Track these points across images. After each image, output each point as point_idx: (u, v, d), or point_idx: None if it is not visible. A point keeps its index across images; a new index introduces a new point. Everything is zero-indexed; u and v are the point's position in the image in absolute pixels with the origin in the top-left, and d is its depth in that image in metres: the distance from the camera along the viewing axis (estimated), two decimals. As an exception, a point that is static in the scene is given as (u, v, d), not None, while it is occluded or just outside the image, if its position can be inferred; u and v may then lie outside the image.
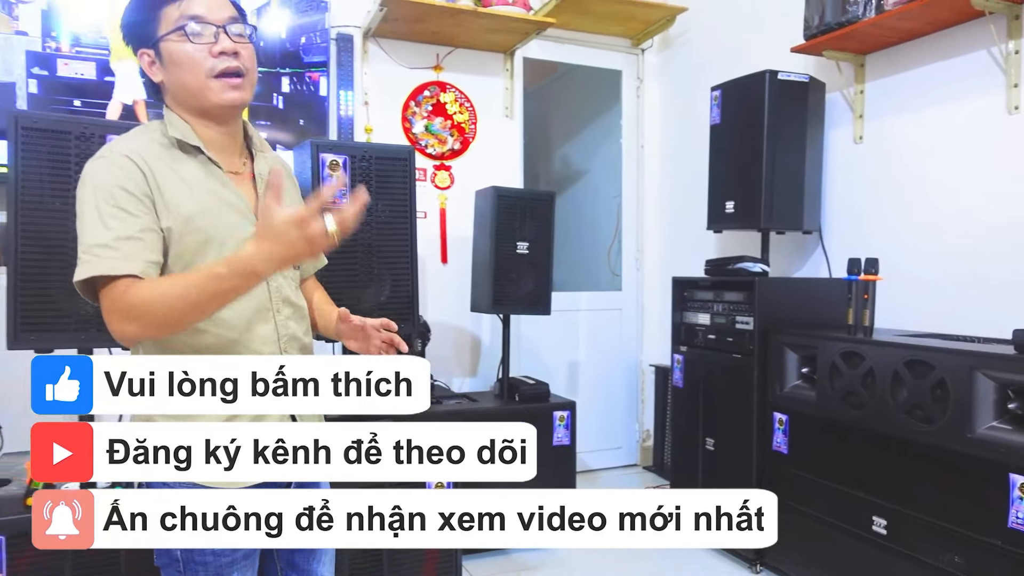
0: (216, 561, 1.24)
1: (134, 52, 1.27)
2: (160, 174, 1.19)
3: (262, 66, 3.08)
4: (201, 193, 1.23)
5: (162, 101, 1.29)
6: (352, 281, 1.94)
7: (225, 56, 1.21)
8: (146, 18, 1.23)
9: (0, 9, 2.73)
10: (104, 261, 1.12)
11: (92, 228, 1.14)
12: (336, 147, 1.92)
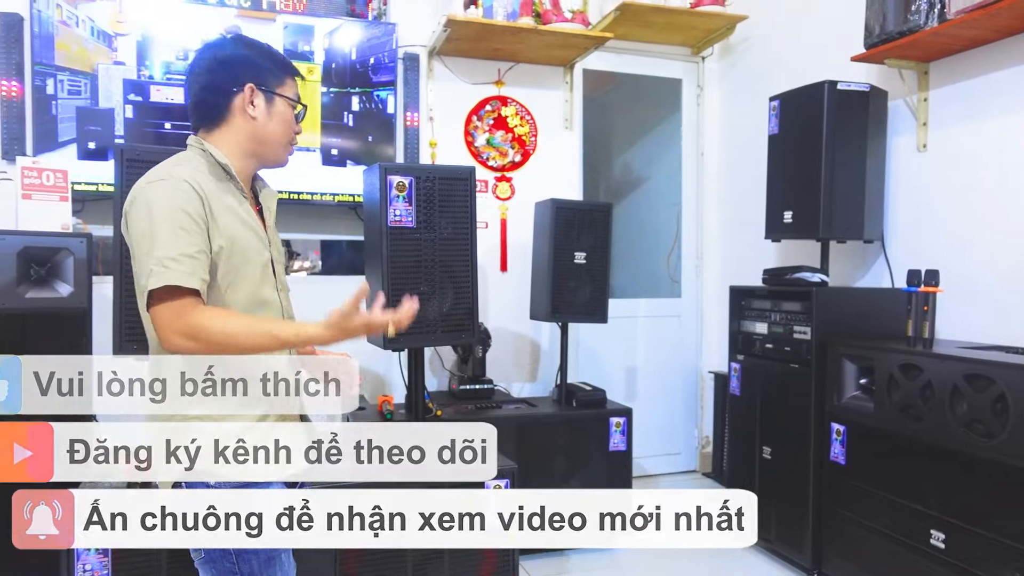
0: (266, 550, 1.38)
1: (239, 81, 1.42)
2: (213, 200, 1.36)
3: (335, 86, 3.26)
4: (239, 219, 1.41)
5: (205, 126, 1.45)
6: (417, 293, 2.06)
7: (298, 135, 1.52)
8: (272, 71, 1.46)
9: (101, 41, 2.99)
10: (175, 273, 1.26)
11: (162, 242, 1.27)
12: (403, 169, 2.05)
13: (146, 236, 1.29)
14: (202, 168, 1.40)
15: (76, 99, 2.97)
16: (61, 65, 2.95)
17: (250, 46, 1.48)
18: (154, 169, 1.39)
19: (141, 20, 3.03)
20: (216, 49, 1.46)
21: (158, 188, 1.32)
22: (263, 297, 1.44)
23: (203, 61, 1.46)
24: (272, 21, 3.19)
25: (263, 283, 1.44)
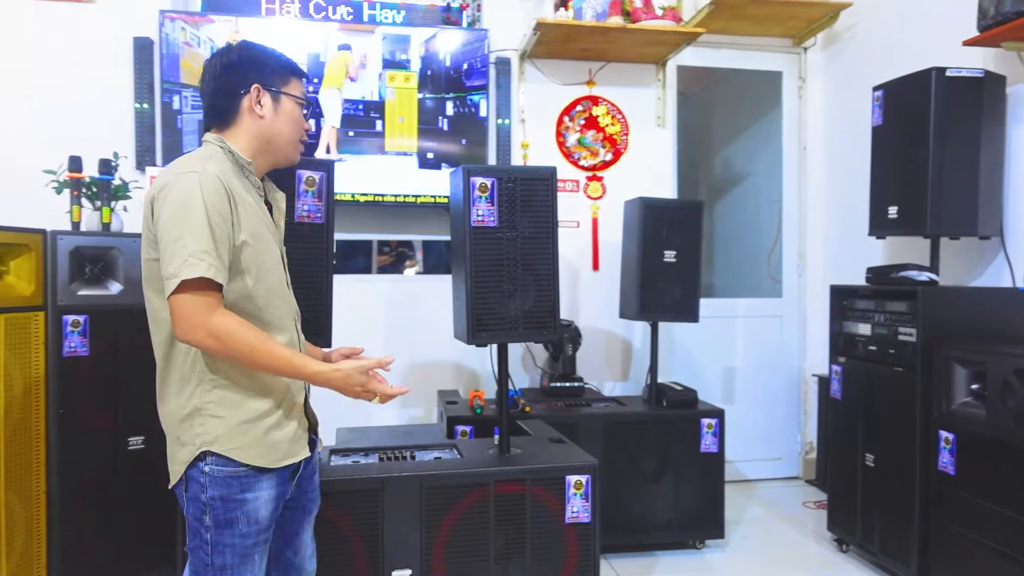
0: (243, 543, 1.43)
1: (246, 82, 1.50)
2: (239, 196, 1.44)
3: (430, 92, 3.39)
4: (258, 216, 1.50)
5: (218, 126, 1.53)
6: (499, 291, 2.13)
7: (306, 132, 1.63)
8: (278, 71, 1.54)
9: (219, 59, 3.24)
10: (208, 267, 1.32)
11: (196, 235, 1.33)
12: (485, 171, 2.11)
13: (177, 225, 1.34)
14: (227, 165, 1.47)
15: (198, 113, 3.24)
16: (185, 83, 3.22)
17: (254, 50, 1.55)
18: (182, 160, 1.45)
19: (253, 38, 3.25)
20: (222, 56, 1.53)
21: (191, 181, 1.37)
22: (280, 289, 1.54)
23: (212, 68, 1.53)
24: (371, 33, 3.35)
25: (274, 274, 1.53)
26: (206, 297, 1.34)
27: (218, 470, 1.42)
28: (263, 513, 1.46)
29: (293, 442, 1.53)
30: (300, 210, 1.97)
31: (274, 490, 1.48)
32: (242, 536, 1.43)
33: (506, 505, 2.09)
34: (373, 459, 2.21)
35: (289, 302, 1.59)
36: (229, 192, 1.41)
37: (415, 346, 3.46)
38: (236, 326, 1.36)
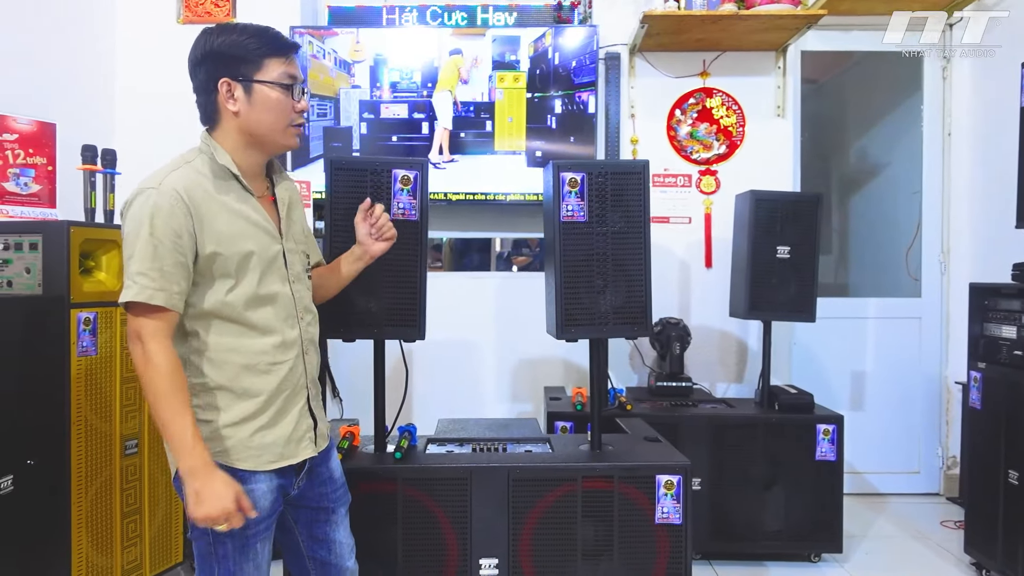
0: (241, 533, 1.43)
1: (213, 79, 1.43)
2: (206, 204, 1.40)
3: (538, 91, 3.42)
4: (239, 217, 1.45)
5: (209, 127, 1.50)
6: (590, 286, 2.12)
7: (300, 114, 1.52)
8: (246, 58, 1.43)
9: (342, 69, 3.45)
10: (142, 289, 1.32)
11: (139, 256, 1.33)
12: (575, 166, 2.11)
13: (128, 245, 1.36)
14: (204, 169, 1.44)
15: (323, 120, 3.47)
16: (312, 92, 3.46)
17: (221, 33, 1.44)
18: (153, 172, 1.43)
19: (373, 47, 3.44)
20: (192, 50, 1.47)
21: (144, 198, 1.36)
22: (268, 292, 1.48)
23: (189, 67, 1.48)
24: (482, 36, 3.44)
25: (269, 277, 1.49)
26: (143, 319, 1.34)
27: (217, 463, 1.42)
28: (261, 504, 1.46)
29: (289, 443, 1.51)
30: (395, 208, 2.06)
31: (272, 482, 1.49)
32: (241, 527, 1.41)
33: (594, 501, 2.08)
34: (466, 449, 2.27)
35: (285, 301, 1.52)
36: (189, 204, 1.38)
37: (526, 342, 3.51)
38: (159, 366, 1.33)
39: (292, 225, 1.61)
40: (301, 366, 1.55)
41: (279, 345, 1.50)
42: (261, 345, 1.47)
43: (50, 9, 3.08)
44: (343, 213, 2.06)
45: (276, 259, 1.52)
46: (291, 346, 1.53)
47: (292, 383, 1.53)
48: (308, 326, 1.60)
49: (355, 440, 2.26)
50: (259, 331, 1.48)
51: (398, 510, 2.06)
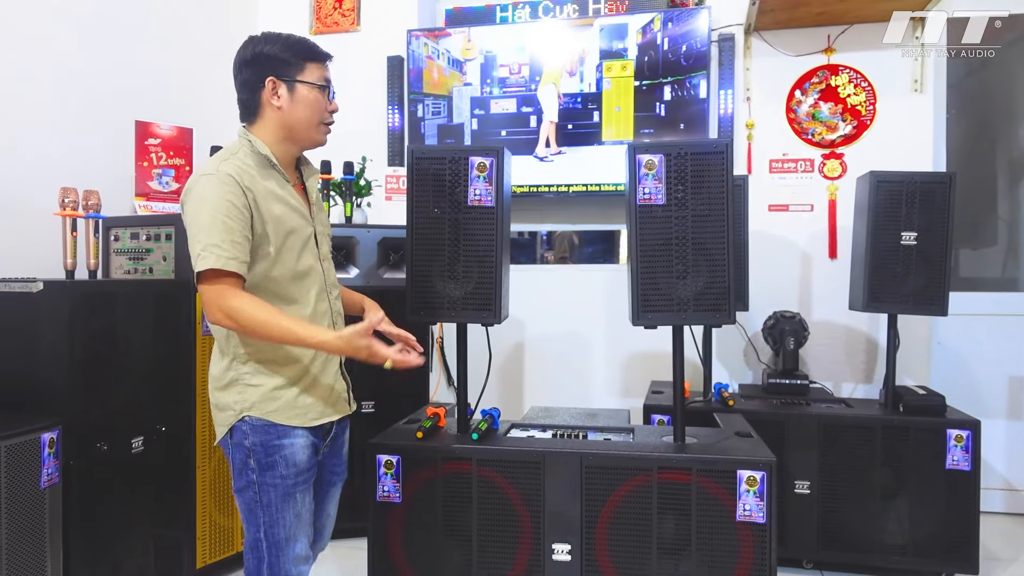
0: (283, 483, 1.59)
1: (260, 78, 1.61)
2: (256, 188, 1.56)
3: (647, 79, 3.35)
4: (281, 201, 1.62)
5: (247, 120, 1.66)
6: (668, 271, 2.05)
7: (331, 114, 1.71)
8: (289, 61, 1.62)
9: (454, 68, 3.58)
10: (217, 258, 1.47)
11: (209, 230, 1.48)
12: (652, 147, 2.04)
13: (193, 224, 1.51)
14: (248, 159, 1.60)
15: (437, 119, 3.61)
16: (427, 92, 3.61)
17: (269, 42, 1.61)
18: (207, 162, 1.60)
19: (483, 44, 3.53)
20: (240, 52, 1.63)
21: (207, 181, 1.53)
22: (305, 267, 1.65)
23: (234, 66, 1.64)
24: (590, 26, 3.42)
25: (305, 254, 1.65)
26: (219, 285, 1.49)
27: (259, 421, 1.59)
28: (300, 457, 1.61)
29: (326, 403, 1.69)
30: (472, 194, 2.11)
31: (310, 439, 1.64)
32: (282, 477, 1.59)
33: (671, 494, 2.01)
34: (547, 435, 2.27)
35: (317, 277, 1.69)
36: (244, 186, 1.54)
37: (637, 336, 3.41)
38: (247, 306, 1.49)
39: (319, 212, 1.78)
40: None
41: (313, 315, 1.67)
42: (300, 316, 1.63)
43: (193, 26, 3.46)
44: (425, 200, 2.14)
45: (309, 240, 1.69)
46: (323, 316, 1.70)
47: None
48: (335, 300, 1.78)
49: (440, 421, 2.33)
50: (298, 303, 1.65)
51: (473, 490, 2.10)
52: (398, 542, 2.16)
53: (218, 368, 1.64)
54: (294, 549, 1.62)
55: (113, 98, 2.91)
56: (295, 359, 1.63)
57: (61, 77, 2.72)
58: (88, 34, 2.84)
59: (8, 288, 2.04)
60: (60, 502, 1.97)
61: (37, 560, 1.90)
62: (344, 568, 2.74)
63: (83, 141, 2.75)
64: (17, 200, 2.48)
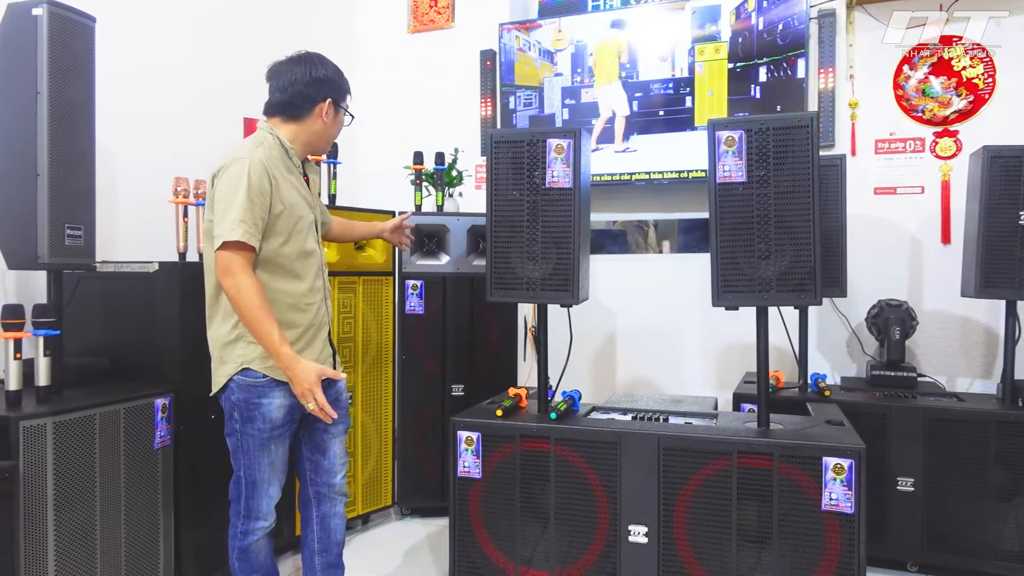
0: (259, 435, 1.83)
1: (323, 95, 1.93)
2: (278, 175, 1.83)
3: (741, 60, 3.25)
4: (295, 189, 1.89)
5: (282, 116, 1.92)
6: (749, 251, 1.99)
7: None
8: (344, 90, 2.00)
9: (545, 59, 3.61)
10: (243, 233, 1.73)
11: (238, 208, 1.73)
12: (731, 123, 1.99)
13: (227, 199, 1.76)
14: (273, 150, 1.86)
15: (529, 110, 3.66)
16: (518, 84, 3.66)
17: (334, 69, 1.96)
18: (240, 146, 1.85)
19: (574, 34, 3.55)
20: (313, 67, 1.92)
21: (240, 166, 1.77)
22: (309, 248, 1.91)
23: (301, 74, 1.91)
24: (681, 10, 3.36)
25: (309, 238, 1.92)
26: (239, 256, 1.74)
27: (244, 381, 1.82)
28: (276, 415, 1.84)
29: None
30: (549, 176, 2.13)
31: (287, 399, 1.85)
32: (259, 430, 1.84)
33: (752, 480, 1.95)
34: (626, 417, 2.26)
35: (317, 257, 1.95)
36: (270, 174, 1.80)
37: (733, 325, 3.33)
38: (252, 289, 1.73)
39: (318, 202, 2.04)
40: (324, 307, 1.98)
41: (311, 290, 1.92)
42: (301, 289, 1.89)
43: (296, 27, 3.67)
44: (504, 183, 2.19)
45: (312, 225, 1.95)
46: (318, 291, 1.95)
47: (319, 319, 1.94)
48: (326, 279, 2.04)
49: (521, 402, 2.37)
50: (301, 278, 1.90)
51: (551, 469, 2.13)
52: (478, 516, 2.22)
53: (223, 328, 1.85)
54: (267, 491, 1.88)
55: (224, 96, 3.14)
56: (291, 325, 1.86)
57: (178, 76, 2.97)
58: (205, 36, 3.09)
59: (130, 269, 2.26)
60: (172, 463, 2.16)
61: (150, 514, 2.09)
62: (433, 543, 2.83)
63: (197, 135, 2.99)
64: (139, 189, 2.73)
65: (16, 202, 1.92)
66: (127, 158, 2.72)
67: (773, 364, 3.26)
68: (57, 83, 1.92)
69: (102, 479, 1.93)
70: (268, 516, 1.92)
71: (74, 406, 1.87)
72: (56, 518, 1.81)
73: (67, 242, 1.96)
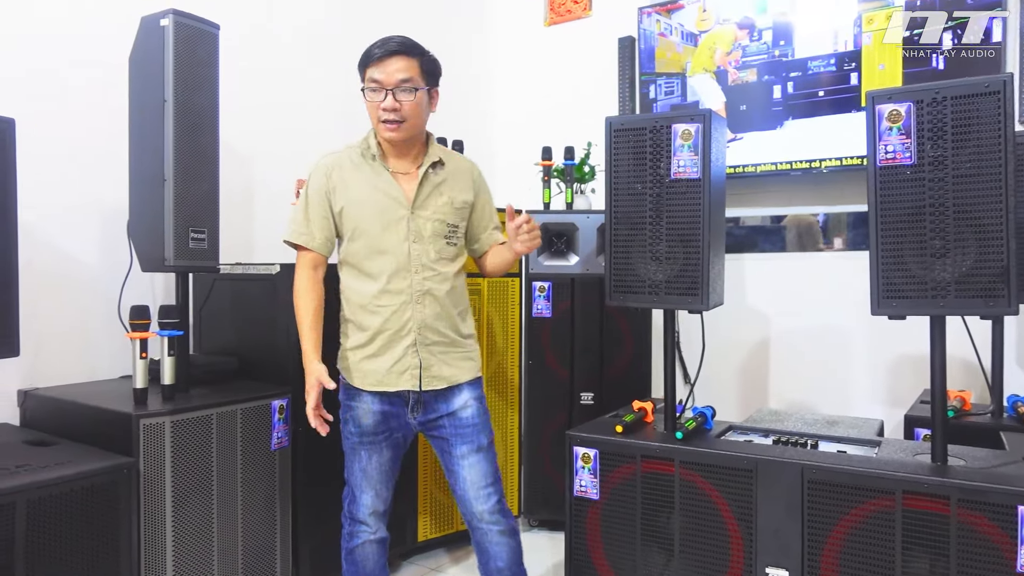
0: (350, 438, 1.86)
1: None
2: (346, 173, 1.84)
3: (918, 28, 2.79)
4: (367, 185, 1.83)
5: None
6: (921, 247, 1.64)
7: (385, 111, 1.78)
8: (360, 73, 1.84)
9: (688, 43, 3.33)
10: (291, 232, 1.86)
11: (296, 208, 1.88)
12: (898, 94, 1.64)
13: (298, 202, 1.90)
14: (355, 148, 1.88)
15: (670, 98, 3.40)
16: (659, 71, 3.41)
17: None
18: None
19: (720, 13, 3.24)
20: None
21: (312, 168, 1.89)
22: (382, 246, 1.81)
23: None
24: (846, -26, 2.94)
25: (387, 236, 1.81)
26: (298, 254, 1.88)
27: (344, 381, 1.89)
28: (365, 421, 1.84)
29: (389, 374, 1.82)
30: (675, 166, 1.90)
31: (378, 406, 1.83)
32: (351, 433, 1.86)
33: (921, 527, 1.61)
34: (767, 440, 1.97)
35: (400, 257, 1.81)
36: (328, 176, 1.85)
37: (907, 335, 2.88)
38: (299, 287, 1.85)
39: (437, 198, 1.87)
40: (409, 313, 1.82)
41: (384, 291, 1.81)
42: (371, 289, 1.82)
43: (427, 27, 3.65)
44: (625, 175, 1.99)
45: (399, 222, 1.82)
46: (397, 294, 1.82)
47: (396, 325, 1.81)
48: (424, 280, 1.84)
49: (647, 417, 2.16)
50: (371, 278, 1.83)
51: (675, 493, 1.90)
52: (597, 539, 2.03)
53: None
54: (360, 497, 1.86)
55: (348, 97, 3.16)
56: (361, 328, 1.84)
57: (307, 77, 3.03)
58: (332, 39, 3.14)
59: (254, 271, 2.30)
60: (289, 464, 2.17)
61: (267, 515, 2.11)
62: (557, 561, 2.67)
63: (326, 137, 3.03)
64: (273, 192, 2.80)
65: (147, 207, 2.01)
66: (262, 162, 2.80)
67: (959, 381, 2.78)
68: (182, 91, 1.98)
69: (219, 478, 1.97)
70: (368, 522, 1.88)
71: (192, 405, 1.92)
72: (174, 515, 1.85)
73: (191, 245, 2.01)
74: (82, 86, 2.31)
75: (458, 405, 1.88)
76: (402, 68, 1.79)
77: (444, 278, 1.86)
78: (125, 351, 2.14)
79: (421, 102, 1.82)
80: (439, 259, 1.86)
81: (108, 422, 1.84)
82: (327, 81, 3.08)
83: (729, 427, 2.13)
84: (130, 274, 2.25)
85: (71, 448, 1.82)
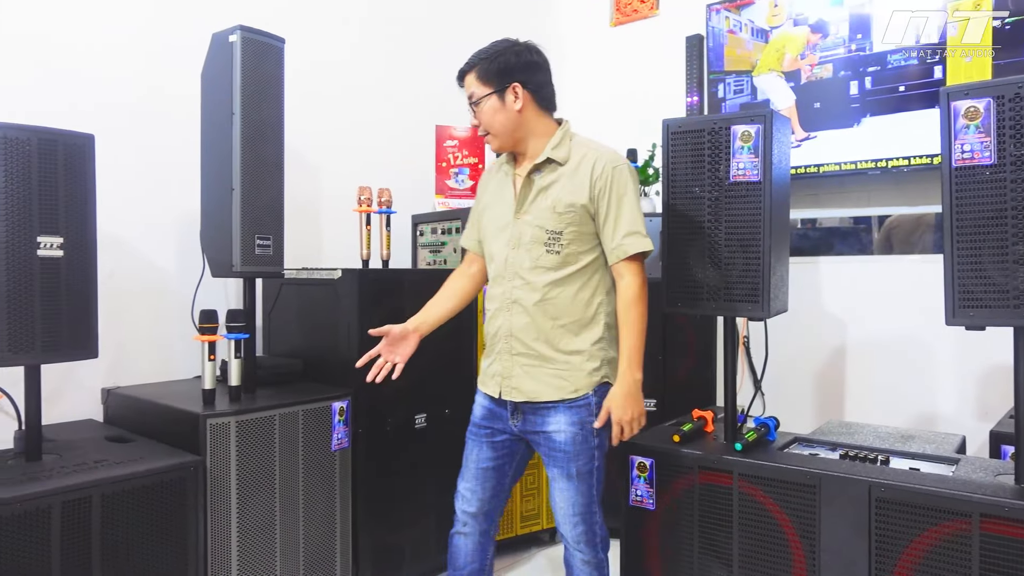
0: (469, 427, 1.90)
1: None
2: (487, 181, 1.95)
3: (1013, 13, 2.60)
4: (492, 190, 1.90)
5: None
6: (1001, 253, 1.51)
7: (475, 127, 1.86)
8: None
9: (758, 39, 3.22)
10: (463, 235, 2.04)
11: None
12: (974, 89, 1.53)
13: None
14: (506, 155, 1.89)
15: (739, 97, 3.30)
16: (729, 70, 3.32)
17: None
18: None
19: (793, 8, 3.12)
20: None
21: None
22: (490, 252, 1.87)
23: None
24: (929, -39, 2.78)
25: (497, 240, 1.83)
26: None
27: None
28: (476, 413, 1.90)
29: (484, 375, 1.88)
30: (735, 168, 1.84)
31: (486, 403, 1.87)
32: (470, 422, 1.91)
33: (1000, 553, 1.50)
34: (834, 455, 1.88)
35: (501, 262, 1.82)
36: (483, 180, 1.98)
37: (1000, 344, 2.71)
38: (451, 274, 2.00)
39: (541, 201, 1.78)
40: (501, 318, 1.82)
41: (489, 296, 1.87)
42: (488, 294, 1.89)
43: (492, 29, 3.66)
44: (683, 178, 1.94)
45: (507, 227, 1.82)
46: (494, 299, 1.84)
47: (493, 330, 1.85)
48: (515, 289, 1.79)
49: (707, 426, 2.10)
50: (491, 283, 1.89)
51: (734, 507, 1.83)
52: (654, 551, 1.99)
53: None
54: (459, 488, 1.89)
55: (416, 105, 3.21)
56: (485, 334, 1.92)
57: (373, 88, 3.09)
58: (397, 49, 3.20)
59: (318, 276, 2.37)
60: (349, 465, 2.22)
61: (328, 514, 2.16)
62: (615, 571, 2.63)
63: (389, 144, 3.10)
64: (335, 199, 2.87)
65: (216, 215, 2.10)
66: (329, 171, 2.88)
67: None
68: (249, 104, 2.06)
69: (281, 477, 2.03)
70: (458, 514, 1.88)
71: (256, 406, 1.99)
72: (239, 512, 1.92)
73: (257, 251, 2.09)
74: (158, 102, 2.44)
75: (552, 427, 1.77)
76: (467, 86, 1.84)
77: (534, 288, 1.75)
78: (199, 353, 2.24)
79: (493, 108, 1.78)
80: (534, 267, 1.75)
81: (178, 421, 1.93)
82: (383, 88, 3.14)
83: (795, 439, 2.04)
84: (203, 280, 2.35)
85: (146, 445, 1.92)
